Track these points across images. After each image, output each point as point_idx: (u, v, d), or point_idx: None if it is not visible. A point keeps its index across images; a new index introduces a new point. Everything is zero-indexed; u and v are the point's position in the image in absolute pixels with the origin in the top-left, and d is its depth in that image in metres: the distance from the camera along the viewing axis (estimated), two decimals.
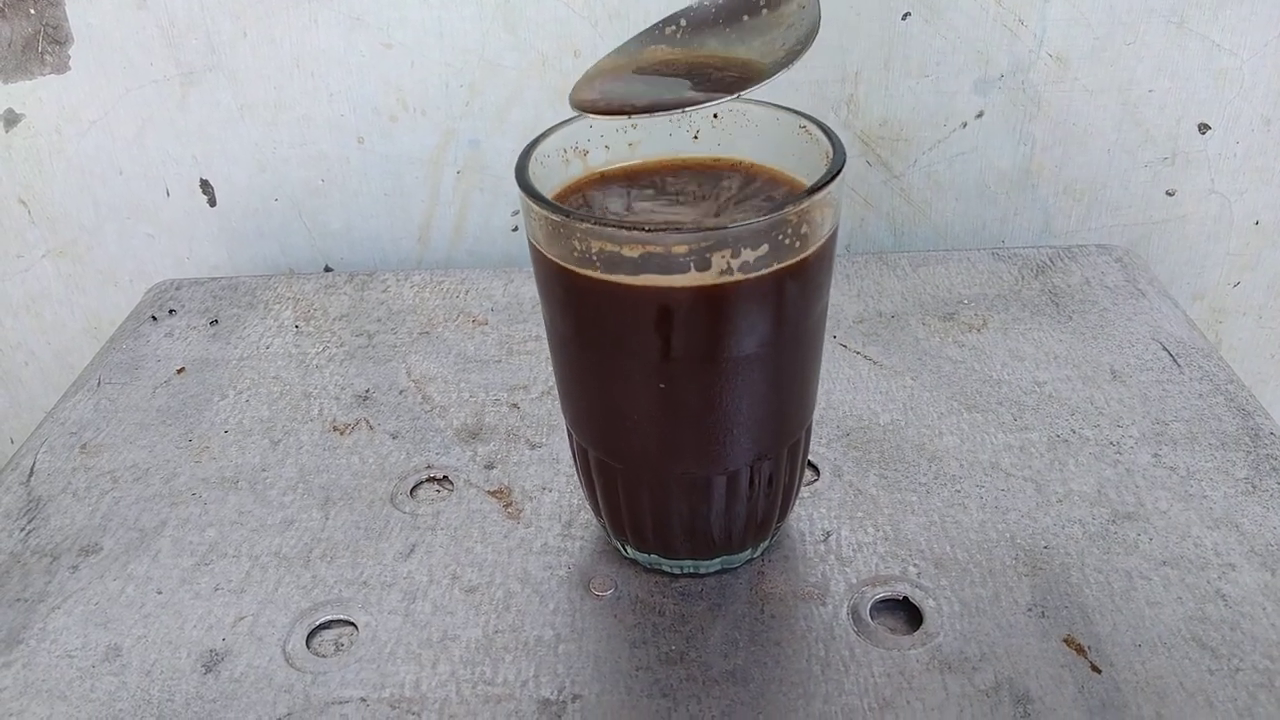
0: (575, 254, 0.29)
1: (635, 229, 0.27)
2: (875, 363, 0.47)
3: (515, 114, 0.57)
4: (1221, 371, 0.45)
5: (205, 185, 0.60)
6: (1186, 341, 0.47)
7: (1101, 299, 0.51)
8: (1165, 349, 0.47)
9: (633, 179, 0.34)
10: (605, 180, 0.34)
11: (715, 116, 0.30)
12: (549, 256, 0.30)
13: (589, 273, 0.29)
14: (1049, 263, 0.54)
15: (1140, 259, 0.55)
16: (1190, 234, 0.61)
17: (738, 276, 0.28)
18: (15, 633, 0.35)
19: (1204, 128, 0.57)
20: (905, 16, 0.54)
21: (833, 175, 0.29)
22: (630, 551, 0.36)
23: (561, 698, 0.32)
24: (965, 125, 0.57)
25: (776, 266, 0.28)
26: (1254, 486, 0.39)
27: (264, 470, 0.42)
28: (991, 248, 0.57)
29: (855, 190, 0.59)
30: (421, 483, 0.41)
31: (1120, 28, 0.54)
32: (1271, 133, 0.57)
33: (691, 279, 0.28)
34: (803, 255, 0.29)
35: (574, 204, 0.33)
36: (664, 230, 0.27)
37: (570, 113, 0.32)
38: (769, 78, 0.29)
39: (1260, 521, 0.37)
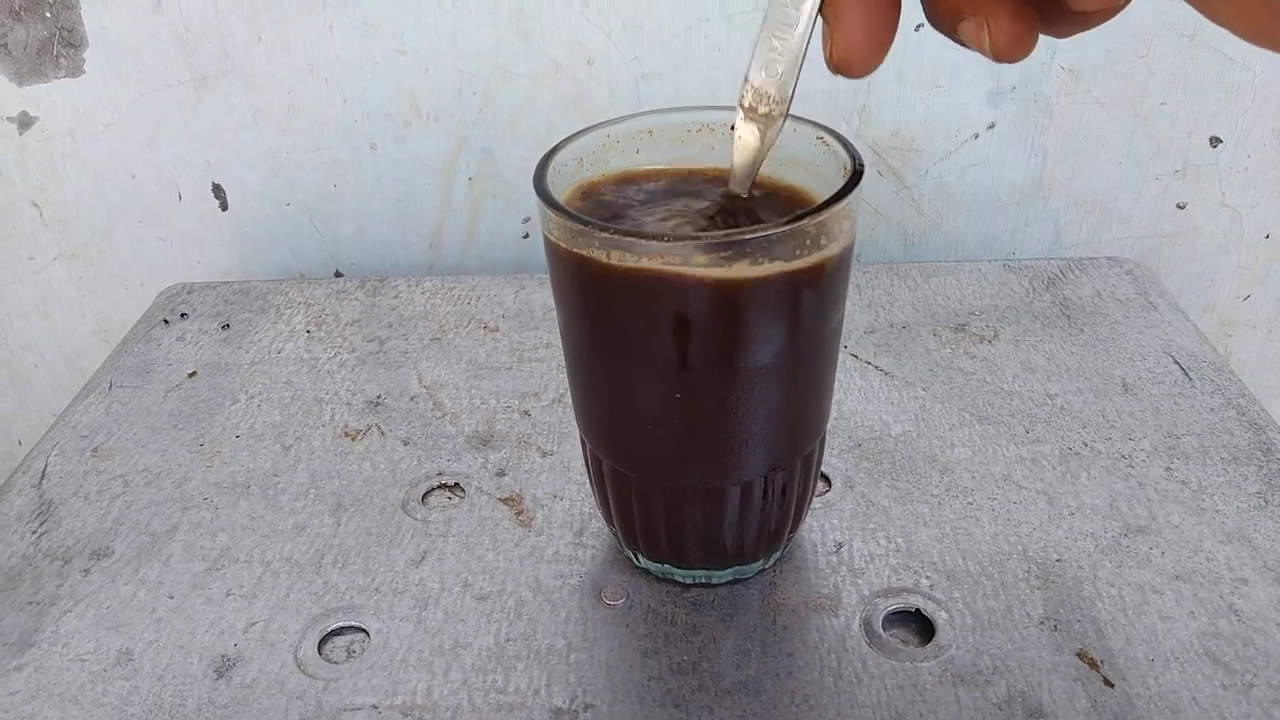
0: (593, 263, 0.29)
1: (654, 238, 0.27)
2: (886, 373, 0.47)
3: (528, 121, 0.57)
4: (1233, 385, 0.45)
5: (218, 189, 0.60)
6: (1198, 355, 0.47)
7: (1112, 311, 0.51)
8: (1176, 362, 0.47)
9: (651, 188, 0.34)
10: (622, 185, 0.34)
11: (733, 128, 0.30)
12: (566, 266, 0.30)
13: (606, 282, 0.29)
14: (1060, 275, 0.54)
15: (1151, 271, 0.55)
16: (1201, 247, 0.61)
17: (755, 285, 0.28)
18: (27, 636, 0.35)
19: (1215, 141, 0.57)
20: (918, 28, 0.54)
21: (851, 186, 0.29)
22: (642, 561, 0.36)
23: (573, 707, 0.32)
24: (977, 136, 0.57)
25: (794, 276, 0.28)
26: (1266, 501, 0.39)
27: (275, 475, 0.42)
28: (1002, 259, 0.57)
29: (866, 200, 0.59)
30: (433, 489, 0.41)
31: (1133, 40, 0.54)
32: None
33: (709, 288, 0.28)
34: (820, 265, 0.29)
35: (588, 203, 0.33)
36: (683, 239, 0.28)
37: (585, 122, 0.32)
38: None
39: (1273, 536, 0.37)
